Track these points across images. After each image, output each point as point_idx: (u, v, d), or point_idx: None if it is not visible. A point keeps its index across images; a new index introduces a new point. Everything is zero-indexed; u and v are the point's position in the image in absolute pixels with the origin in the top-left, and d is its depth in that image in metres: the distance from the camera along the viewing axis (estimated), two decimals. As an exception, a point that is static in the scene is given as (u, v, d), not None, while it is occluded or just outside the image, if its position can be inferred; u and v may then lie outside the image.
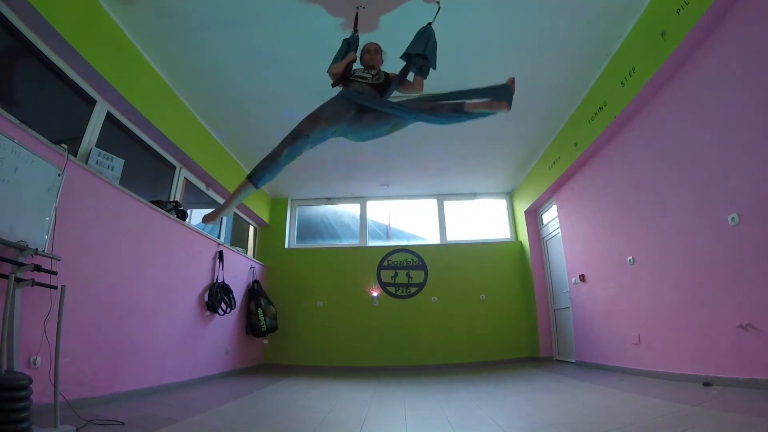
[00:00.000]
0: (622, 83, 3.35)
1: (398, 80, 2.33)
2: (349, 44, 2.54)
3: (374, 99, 2.17)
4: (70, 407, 2.16)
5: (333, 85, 2.38)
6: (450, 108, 2.07)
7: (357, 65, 2.48)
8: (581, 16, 3.06)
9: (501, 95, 2.02)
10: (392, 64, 2.40)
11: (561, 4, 2.95)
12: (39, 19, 2.40)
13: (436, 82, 2.43)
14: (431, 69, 2.34)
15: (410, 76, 2.38)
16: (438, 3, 2.77)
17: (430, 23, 2.45)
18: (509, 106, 2.02)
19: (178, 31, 3.13)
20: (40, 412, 1.95)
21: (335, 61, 2.45)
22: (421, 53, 2.29)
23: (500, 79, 2.12)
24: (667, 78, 3.02)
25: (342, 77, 2.35)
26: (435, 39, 2.36)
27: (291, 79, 3.71)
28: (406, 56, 2.33)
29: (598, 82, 3.76)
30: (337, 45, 2.53)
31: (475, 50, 3.40)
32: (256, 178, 1.98)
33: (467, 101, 2.07)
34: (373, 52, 2.47)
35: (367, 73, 2.35)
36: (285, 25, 3.10)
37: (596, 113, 3.81)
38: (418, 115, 2.08)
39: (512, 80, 2.06)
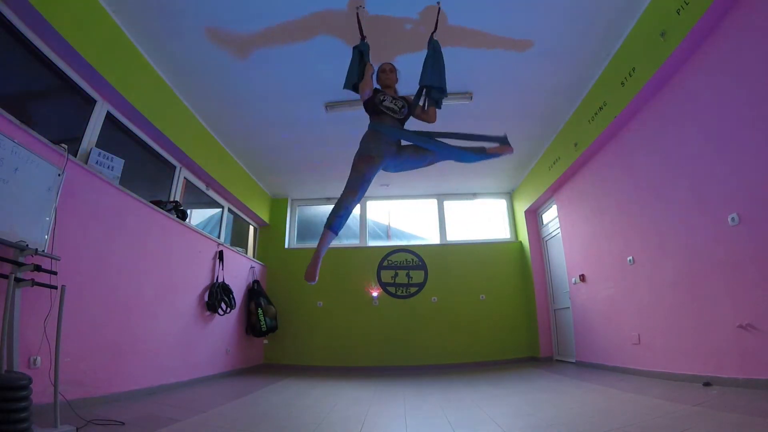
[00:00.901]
0: (622, 83, 3.34)
1: (413, 110, 2.52)
2: (361, 53, 2.60)
3: (410, 134, 2.35)
4: (70, 407, 2.15)
5: (365, 104, 2.49)
6: (476, 150, 2.43)
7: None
8: (581, 16, 3.06)
9: (504, 141, 2.40)
10: (405, 85, 2.62)
11: (561, 4, 2.95)
12: (39, 19, 2.40)
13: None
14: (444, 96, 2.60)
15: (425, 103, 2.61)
16: (438, 4, 2.78)
17: (433, 33, 2.51)
18: (512, 149, 2.43)
19: (178, 31, 3.12)
20: (40, 412, 1.95)
21: (351, 72, 2.56)
22: (440, 86, 2.50)
23: (500, 79, 2.22)
24: (667, 78, 3.02)
25: (370, 103, 2.46)
26: (443, 62, 2.54)
27: (291, 79, 3.70)
28: (423, 86, 2.53)
29: (598, 82, 3.76)
30: (338, 45, 2.53)
31: (476, 50, 3.40)
32: (335, 226, 2.23)
33: (487, 145, 2.44)
34: (389, 71, 2.59)
35: (393, 103, 2.45)
36: (285, 25, 3.09)
37: (596, 113, 3.81)
38: (452, 153, 2.37)
39: (505, 134, 2.44)
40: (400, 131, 2.36)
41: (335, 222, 2.21)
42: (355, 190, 2.22)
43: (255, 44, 3.27)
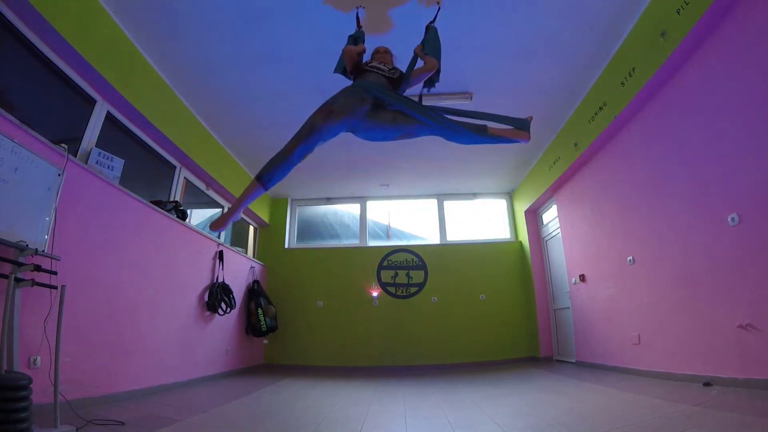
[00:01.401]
0: (622, 83, 3.35)
1: (409, 68, 2.26)
2: (356, 39, 2.48)
3: (395, 94, 2.02)
4: (70, 407, 2.15)
5: (349, 73, 2.28)
6: (473, 127, 1.95)
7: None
8: (581, 16, 3.06)
9: (522, 126, 1.98)
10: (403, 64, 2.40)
11: (561, 4, 2.95)
12: (39, 19, 2.40)
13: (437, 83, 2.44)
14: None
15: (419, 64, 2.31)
16: (438, 3, 2.77)
17: (431, 23, 2.45)
18: (529, 137, 2.00)
19: (178, 31, 3.13)
20: (40, 412, 1.95)
21: (342, 57, 2.35)
22: (437, 59, 2.30)
23: (500, 79, 2.12)
24: (667, 78, 3.02)
25: (355, 67, 2.24)
26: (440, 44, 2.37)
27: (291, 79, 3.71)
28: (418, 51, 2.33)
29: (598, 82, 3.76)
30: (337, 44, 2.53)
31: (476, 50, 3.40)
32: (265, 178, 1.82)
33: (489, 124, 1.97)
34: (383, 52, 2.43)
35: (381, 64, 2.26)
36: (285, 25, 3.10)
37: (596, 113, 3.81)
38: (437, 124, 1.95)
39: (531, 118, 2.05)
40: (383, 89, 2.00)
41: (269, 173, 1.83)
42: (301, 140, 1.83)
43: (255, 43, 3.27)
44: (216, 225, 1.90)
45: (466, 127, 1.95)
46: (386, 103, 2.01)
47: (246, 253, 5.91)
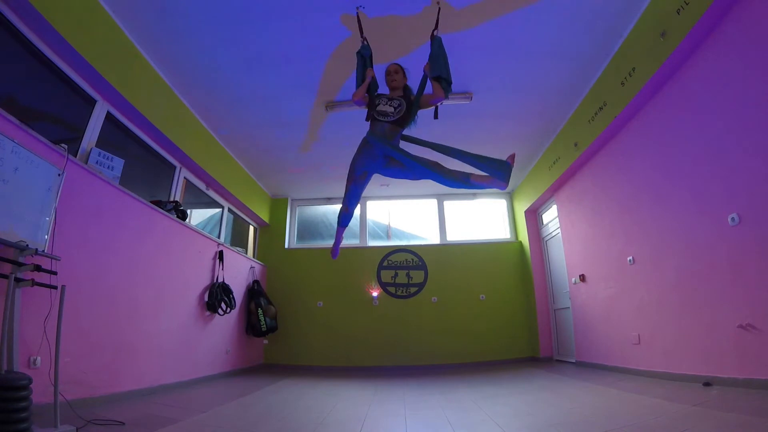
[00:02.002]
0: (622, 83, 3.34)
1: (419, 90, 2.47)
2: (363, 57, 2.60)
3: (395, 149, 2.32)
4: (70, 407, 2.15)
5: (368, 113, 2.51)
6: (459, 177, 2.25)
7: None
8: (581, 16, 3.06)
9: (500, 174, 2.14)
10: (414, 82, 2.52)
11: (561, 5, 2.95)
12: (39, 19, 2.40)
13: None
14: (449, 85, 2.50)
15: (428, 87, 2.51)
16: (438, 3, 2.78)
17: (435, 30, 2.49)
18: (506, 186, 2.17)
19: (178, 31, 3.12)
20: (40, 412, 1.95)
21: (358, 80, 2.58)
22: (445, 77, 2.41)
23: (500, 79, 2.14)
24: (667, 78, 3.02)
25: (370, 106, 2.47)
26: (446, 55, 2.47)
27: (291, 79, 3.70)
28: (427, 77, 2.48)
29: (598, 82, 3.76)
30: (338, 44, 2.53)
31: (476, 50, 3.40)
32: (342, 225, 2.69)
33: (474, 173, 2.25)
34: (394, 73, 2.52)
35: (389, 105, 2.41)
36: (285, 25, 3.10)
37: (596, 113, 3.81)
38: (430, 174, 2.27)
39: (513, 157, 2.20)
40: (384, 145, 2.33)
41: (343, 221, 2.68)
42: (345, 202, 2.58)
43: (255, 44, 3.27)
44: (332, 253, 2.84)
45: (453, 177, 2.26)
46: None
47: (246, 253, 5.91)
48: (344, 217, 2.66)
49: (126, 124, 3.42)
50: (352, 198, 2.54)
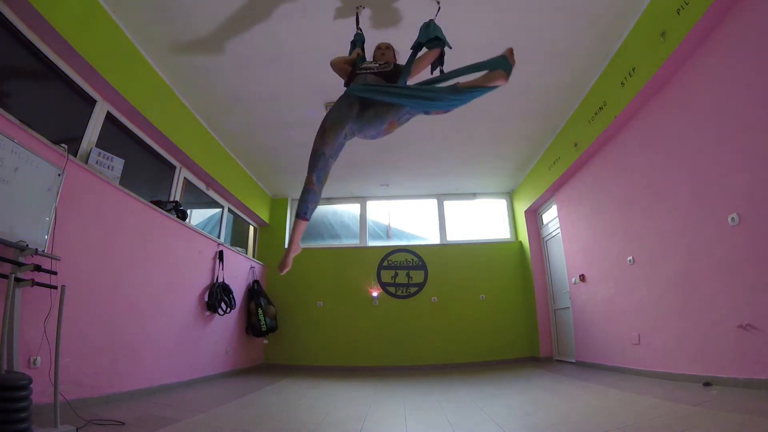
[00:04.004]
0: (622, 83, 3.34)
1: (409, 60, 2.26)
2: (354, 44, 2.57)
3: (371, 87, 1.99)
4: (70, 407, 2.16)
5: (345, 86, 2.29)
6: (447, 90, 1.91)
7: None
8: (581, 16, 3.06)
9: (497, 65, 1.86)
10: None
11: (561, 4, 2.95)
12: (39, 19, 2.40)
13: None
14: (448, 48, 2.36)
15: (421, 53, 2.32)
16: (438, 3, 2.78)
17: (432, 20, 2.47)
18: (506, 78, 1.84)
19: (179, 31, 3.12)
20: (40, 412, 1.95)
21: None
22: (432, 37, 2.29)
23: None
24: (667, 78, 3.02)
25: (350, 75, 2.28)
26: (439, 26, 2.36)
27: (291, 79, 3.70)
28: (417, 45, 2.34)
29: (598, 82, 3.76)
30: (338, 44, 2.54)
31: (475, 50, 3.39)
32: (302, 213, 1.95)
33: (460, 80, 1.92)
34: (384, 48, 2.43)
35: (373, 62, 2.28)
36: (285, 25, 3.09)
37: (596, 113, 3.81)
38: (416, 101, 1.91)
39: (511, 51, 1.90)
40: (362, 86, 2.00)
41: (304, 208, 1.96)
42: (313, 169, 1.93)
43: (255, 43, 3.27)
44: (282, 267, 2.00)
45: (437, 91, 1.92)
46: (368, 98, 1.99)
47: (246, 253, 5.91)
48: (311, 197, 1.93)
49: (126, 124, 3.42)
50: (319, 168, 1.92)
